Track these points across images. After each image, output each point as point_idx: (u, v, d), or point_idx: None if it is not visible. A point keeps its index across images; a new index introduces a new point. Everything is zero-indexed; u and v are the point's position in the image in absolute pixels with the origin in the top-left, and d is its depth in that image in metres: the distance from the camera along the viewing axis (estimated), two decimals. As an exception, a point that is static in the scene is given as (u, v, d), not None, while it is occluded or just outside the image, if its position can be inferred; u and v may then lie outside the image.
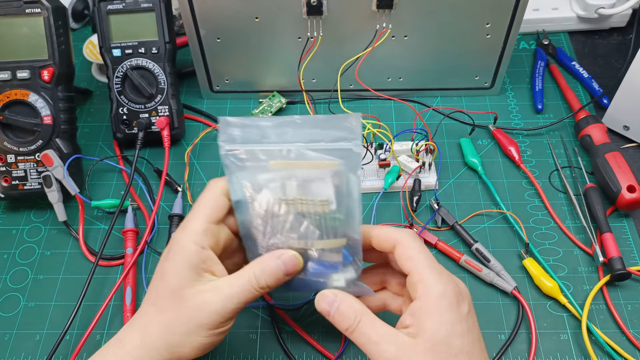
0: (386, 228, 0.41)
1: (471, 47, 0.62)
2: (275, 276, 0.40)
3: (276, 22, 0.59)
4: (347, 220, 0.40)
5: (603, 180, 0.57)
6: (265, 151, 0.40)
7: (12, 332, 0.51)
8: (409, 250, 0.39)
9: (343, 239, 0.41)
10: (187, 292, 0.39)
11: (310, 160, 0.40)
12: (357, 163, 0.39)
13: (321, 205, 0.40)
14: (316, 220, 0.41)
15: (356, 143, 0.39)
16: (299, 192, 0.40)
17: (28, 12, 0.55)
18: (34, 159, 0.56)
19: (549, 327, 0.50)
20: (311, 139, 0.40)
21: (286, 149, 0.40)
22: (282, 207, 0.40)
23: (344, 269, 0.42)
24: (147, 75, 0.60)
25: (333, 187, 0.40)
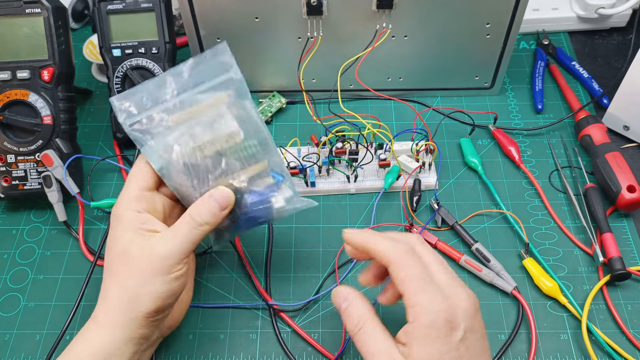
0: (381, 243, 0.40)
1: (471, 47, 0.62)
2: (211, 212, 0.43)
3: (276, 22, 0.59)
4: (259, 143, 0.43)
5: (603, 180, 0.57)
6: (161, 111, 0.43)
7: (12, 332, 0.51)
8: (400, 273, 0.38)
9: (264, 162, 0.44)
10: (132, 249, 0.42)
11: (203, 103, 0.43)
12: (244, 88, 0.43)
13: (230, 138, 0.43)
14: (233, 154, 0.43)
15: (234, 70, 0.43)
16: (207, 135, 0.43)
17: (28, 12, 0.55)
18: (34, 159, 0.56)
19: (549, 327, 0.50)
20: (194, 83, 0.43)
21: (178, 101, 0.43)
22: (197, 156, 0.43)
23: (280, 189, 0.45)
24: (147, 75, 0.60)
25: (233, 118, 0.43)
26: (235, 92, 0.44)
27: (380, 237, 0.41)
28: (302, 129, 0.65)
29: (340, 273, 0.54)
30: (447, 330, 0.36)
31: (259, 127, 0.44)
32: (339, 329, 0.50)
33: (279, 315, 0.51)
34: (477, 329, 0.38)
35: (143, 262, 0.41)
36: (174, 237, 0.42)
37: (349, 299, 0.41)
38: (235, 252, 0.55)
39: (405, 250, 0.39)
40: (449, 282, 0.38)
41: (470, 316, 0.37)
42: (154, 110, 0.44)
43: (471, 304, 0.38)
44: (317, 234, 0.56)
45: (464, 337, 0.37)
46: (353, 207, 0.58)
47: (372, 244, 0.41)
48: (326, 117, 0.60)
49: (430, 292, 0.37)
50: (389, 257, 0.39)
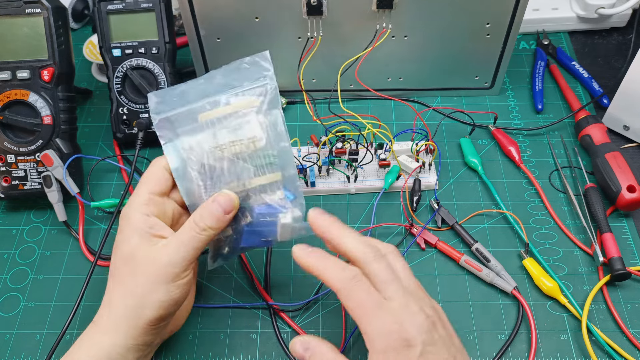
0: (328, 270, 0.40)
1: (471, 47, 0.62)
2: (214, 216, 0.42)
3: (276, 22, 0.59)
4: (278, 154, 0.43)
5: (603, 180, 0.57)
6: (192, 109, 0.44)
7: (12, 332, 0.51)
8: (347, 302, 0.38)
9: (278, 173, 0.44)
10: (138, 255, 0.41)
11: (233, 104, 0.43)
12: (276, 97, 0.43)
13: (251, 142, 0.43)
14: (250, 159, 0.43)
15: (270, 78, 0.43)
16: (229, 136, 0.43)
17: (28, 12, 0.55)
18: (34, 159, 0.56)
19: (549, 327, 0.50)
20: (229, 86, 0.44)
21: (208, 102, 0.44)
22: (216, 155, 0.43)
23: (289, 208, 0.44)
24: (147, 75, 0.60)
25: (258, 123, 0.43)
26: (266, 99, 0.44)
27: (327, 264, 0.40)
28: (302, 129, 0.65)
29: (340, 273, 0.53)
30: (403, 349, 0.36)
31: (282, 138, 0.44)
32: (339, 329, 0.50)
33: (279, 315, 0.51)
34: (437, 340, 0.37)
35: (149, 269, 0.41)
36: (178, 245, 0.42)
37: (310, 348, 0.40)
38: (235, 252, 0.55)
39: (351, 278, 0.39)
40: (401, 300, 0.38)
41: (426, 330, 0.37)
42: (184, 108, 0.44)
43: (424, 318, 0.37)
44: (317, 234, 0.56)
45: (423, 351, 0.36)
46: (353, 207, 0.58)
47: (320, 272, 0.40)
48: (326, 117, 0.60)
49: (380, 316, 0.37)
50: (335, 286, 0.39)
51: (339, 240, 0.41)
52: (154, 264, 0.41)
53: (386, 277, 0.39)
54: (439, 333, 0.38)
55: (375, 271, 0.39)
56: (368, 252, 0.40)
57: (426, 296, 0.40)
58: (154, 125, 0.44)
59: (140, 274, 0.41)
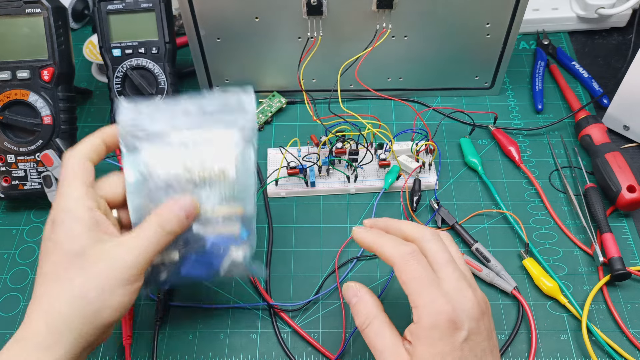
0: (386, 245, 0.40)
1: (471, 47, 0.62)
2: (178, 219, 0.40)
3: (276, 22, 0.59)
4: (243, 189, 0.43)
5: (603, 180, 0.57)
6: (165, 127, 0.42)
7: (12, 332, 0.50)
8: (402, 275, 0.39)
9: (239, 206, 0.43)
10: (91, 254, 0.37)
11: (210, 131, 0.43)
12: (254, 135, 0.43)
13: (221, 172, 0.42)
14: (216, 187, 0.42)
15: (251, 117, 0.43)
16: (200, 162, 0.42)
17: (28, 12, 0.55)
18: (34, 159, 0.56)
19: (549, 327, 0.50)
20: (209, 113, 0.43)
21: (186, 123, 0.43)
22: (182, 178, 0.42)
23: (242, 244, 0.43)
24: (147, 75, 0.60)
25: (231, 156, 0.42)
26: (244, 135, 0.43)
27: (386, 239, 0.41)
28: (302, 129, 0.65)
29: (340, 273, 0.54)
30: (450, 331, 0.36)
31: (250, 176, 0.43)
32: (339, 329, 0.50)
33: (279, 315, 0.51)
34: (483, 330, 0.38)
35: (107, 269, 0.37)
36: (139, 245, 0.39)
37: (358, 295, 0.41)
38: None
39: (409, 252, 0.39)
40: (456, 284, 0.38)
41: (474, 318, 0.37)
42: (157, 123, 0.43)
43: (476, 305, 0.38)
44: (317, 234, 0.56)
45: (467, 338, 0.37)
46: (353, 207, 0.58)
47: (378, 246, 0.41)
48: (326, 117, 0.60)
49: (432, 293, 0.37)
50: (393, 260, 0.39)
51: (399, 226, 0.42)
52: (112, 265, 0.37)
53: (442, 257, 0.39)
54: (485, 324, 0.38)
55: (432, 250, 0.40)
56: (426, 232, 0.41)
57: (477, 286, 0.40)
58: (120, 132, 0.42)
59: (95, 276, 0.37)
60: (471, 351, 0.37)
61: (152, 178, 0.42)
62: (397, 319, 0.51)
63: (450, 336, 0.36)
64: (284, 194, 0.59)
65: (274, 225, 0.57)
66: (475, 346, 0.37)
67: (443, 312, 0.37)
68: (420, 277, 0.38)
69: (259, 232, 0.56)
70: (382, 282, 0.53)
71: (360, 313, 0.40)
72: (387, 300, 0.52)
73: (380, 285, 0.53)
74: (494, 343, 0.39)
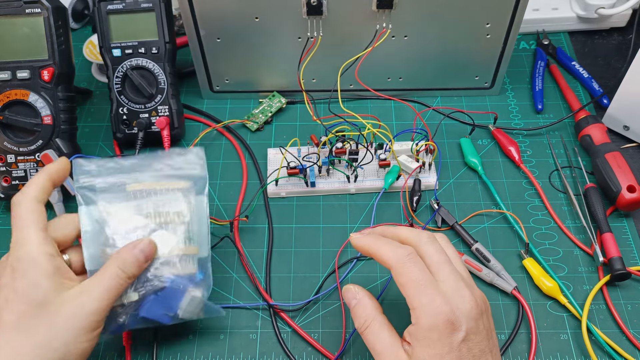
0: (382, 248, 0.41)
1: (471, 47, 0.62)
2: (137, 263, 0.42)
3: (276, 22, 0.59)
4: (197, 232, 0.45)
5: (603, 180, 0.57)
6: (120, 180, 0.45)
7: (12, 332, 0.51)
8: (400, 278, 0.39)
9: (196, 247, 0.45)
10: (55, 302, 0.38)
11: (164, 182, 0.46)
12: (204, 185, 0.47)
13: (176, 216, 0.45)
14: (173, 229, 0.45)
15: (202, 167, 0.47)
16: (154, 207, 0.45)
17: (28, 12, 0.55)
18: (34, 159, 0.56)
19: (549, 327, 0.50)
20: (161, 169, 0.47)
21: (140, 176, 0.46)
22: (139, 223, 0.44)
23: (199, 284, 0.45)
24: (147, 75, 0.60)
25: (185, 203, 0.46)
26: (195, 185, 0.47)
27: (382, 242, 0.41)
28: (302, 129, 0.65)
29: (340, 273, 0.54)
30: (448, 331, 0.36)
31: (204, 222, 0.46)
32: (339, 329, 0.50)
33: (279, 315, 0.51)
34: (481, 330, 0.38)
35: (70, 319, 0.38)
36: (100, 291, 0.40)
37: (357, 298, 0.41)
38: (236, 252, 0.55)
39: (406, 255, 0.39)
40: (453, 284, 0.38)
41: (472, 317, 0.37)
42: (112, 177, 0.45)
43: (474, 305, 0.38)
44: (317, 234, 0.56)
45: (465, 338, 0.37)
46: (353, 207, 0.58)
47: (375, 250, 0.41)
48: (326, 117, 0.60)
49: (430, 295, 0.37)
50: (390, 262, 0.40)
51: (394, 231, 0.43)
52: (76, 314, 0.38)
53: (439, 259, 0.40)
54: (484, 323, 0.38)
55: (429, 252, 0.40)
56: (422, 235, 0.41)
57: (475, 286, 0.41)
58: (74, 186, 0.45)
59: (61, 326, 0.37)
60: (470, 351, 0.37)
61: (108, 226, 0.44)
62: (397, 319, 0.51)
63: (448, 337, 0.36)
64: (284, 194, 0.59)
65: (274, 225, 0.57)
66: (473, 346, 0.37)
67: (441, 313, 0.37)
68: (418, 279, 0.38)
69: (259, 232, 0.57)
70: (382, 282, 0.53)
71: (360, 315, 0.41)
72: (386, 301, 0.52)
73: (380, 286, 0.53)
74: (493, 342, 0.39)
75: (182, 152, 0.48)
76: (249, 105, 0.67)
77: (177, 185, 0.46)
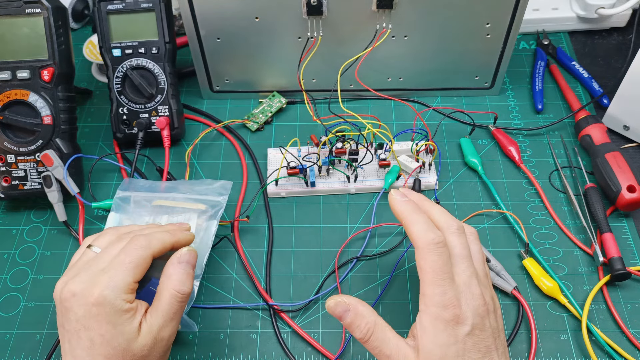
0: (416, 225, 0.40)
1: (471, 47, 0.62)
2: (190, 276, 0.43)
3: (276, 22, 0.59)
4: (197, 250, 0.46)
5: (603, 180, 0.57)
6: (149, 196, 0.53)
7: (12, 332, 0.51)
8: (421, 261, 0.39)
9: None
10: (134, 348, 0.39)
11: (185, 202, 0.52)
12: (219, 214, 0.51)
13: None
14: None
15: (223, 199, 0.52)
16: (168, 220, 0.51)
17: (28, 12, 0.55)
18: (34, 159, 0.56)
19: (549, 327, 0.50)
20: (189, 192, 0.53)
21: (167, 196, 0.52)
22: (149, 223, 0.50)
23: None
24: (147, 75, 0.60)
25: (195, 221, 0.50)
26: (211, 209, 0.51)
27: (418, 219, 0.41)
28: (302, 129, 0.65)
29: (340, 273, 0.54)
30: (453, 323, 0.37)
31: (205, 242, 0.50)
32: (339, 329, 0.50)
33: (279, 315, 0.51)
34: (487, 328, 0.38)
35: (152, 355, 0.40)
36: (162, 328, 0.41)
37: (350, 309, 0.40)
38: (235, 252, 0.55)
39: (434, 241, 0.39)
40: (466, 279, 0.39)
41: (479, 314, 0.38)
42: (145, 194, 0.53)
43: (482, 302, 0.38)
44: (317, 234, 0.56)
45: (471, 333, 0.37)
46: (353, 207, 0.58)
47: (409, 223, 0.41)
48: (326, 117, 0.60)
49: (444, 286, 0.38)
50: (417, 243, 0.40)
51: (430, 208, 0.43)
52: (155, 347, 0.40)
53: (461, 252, 0.40)
54: (491, 322, 0.39)
55: (453, 243, 0.40)
56: (452, 224, 0.41)
57: (490, 286, 0.41)
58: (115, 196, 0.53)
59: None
60: (475, 346, 0.37)
61: None
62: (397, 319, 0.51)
63: (454, 328, 0.37)
64: (284, 194, 0.59)
65: (274, 225, 0.57)
66: (479, 342, 0.37)
67: (449, 306, 0.37)
68: (437, 270, 0.38)
69: (260, 232, 0.57)
70: (382, 282, 0.53)
71: (359, 325, 0.40)
72: (386, 301, 0.52)
73: (380, 286, 0.53)
74: (501, 342, 0.39)
75: (211, 183, 0.54)
76: (249, 105, 0.67)
77: (194, 206, 0.51)
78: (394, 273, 0.53)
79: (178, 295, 0.41)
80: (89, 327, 0.38)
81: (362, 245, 0.55)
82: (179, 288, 0.41)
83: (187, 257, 0.43)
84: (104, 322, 0.38)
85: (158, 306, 0.41)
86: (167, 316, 0.41)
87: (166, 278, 0.42)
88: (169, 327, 0.41)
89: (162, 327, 0.41)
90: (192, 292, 0.47)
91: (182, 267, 0.42)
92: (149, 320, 0.40)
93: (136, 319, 0.40)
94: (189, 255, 0.43)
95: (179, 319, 0.42)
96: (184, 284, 0.42)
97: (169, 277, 0.42)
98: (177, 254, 0.43)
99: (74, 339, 0.39)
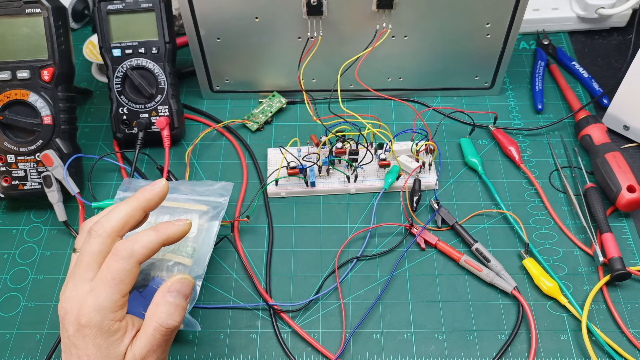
0: None
1: (471, 47, 0.62)
2: (180, 308, 0.39)
3: (276, 22, 0.59)
4: (199, 248, 0.47)
5: (603, 180, 0.57)
6: None
7: (12, 332, 0.51)
8: None
9: (191, 261, 0.47)
10: None
11: (186, 203, 0.51)
12: (221, 215, 0.51)
13: None
14: None
15: (225, 200, 0.52)
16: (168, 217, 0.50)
17: (28, 12, 0.55)
18: (34, 159, 0.56)
19: (549, 327, 0.50)
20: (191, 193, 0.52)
21: (169, 196, 0.51)
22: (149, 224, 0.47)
23: None
24: (147, 75, 0.60)
25: (197, 222, 0.49)
26: (212, 210, 0.51)
27: None
28: (302, 129, 0.65)
29: (340, 273, 0.54)
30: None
31: (207, 243, 0.49)
32: (339, 329, 0.50)
33: (279, 315, 0.51)
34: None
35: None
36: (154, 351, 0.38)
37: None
38: (235, 252, 0.55)
39: None
40: None
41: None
42: None
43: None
44: (317, 234, 0.56)
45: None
46: (353, 207, 0.58)
47: None
48: (326, 117, 0.60)
49: None
50: None
51: None
52: None
53: None
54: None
55: None
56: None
57: None
58: (115, 196, 0.52)
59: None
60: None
61: None
62: (397, 318, 0.51)
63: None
64: (284, 194, 0.59)
65: (274, 225, 0.57)
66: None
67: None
68: None
69: (260, 232, 0.57)
70: (382, 282, 0.53)
71: None
72: (387, 301, 0.52)
73: (380, 286, 0.53)
74: None
75: (212, 184, 0.53)
76: (249, 105, 0.67)
77: (196, 207, 0.51)
78: (394, 273, 0.53)
79: (162, 329, 0.38)
80: (78, 345, 0.38)
81: (362, 245, 0.55)
82: (164, 321, 0.38)
83: (179, 286, 0.40)
84: (90, 344, 0.37)
85: (143, 335, 0.39)
86: (151, 347, 0.38)
87: (153, 307, 0.39)
88: (153, 357, 0.39)
89: (146, 357, 0.38)
90: (195, 292, 0.47)
91: (172, 298, 0.39)
92: (134, 348, 0.38)
93: (124, 342, 0.38)
94: (180, 284, 0.40)
95: (165, 348, 0.39)
96: (171, 317, 0.38)
97: (156, 307, 0.39)
98: (167, 282, 0.40)
99: (67, 353, 0.39)
